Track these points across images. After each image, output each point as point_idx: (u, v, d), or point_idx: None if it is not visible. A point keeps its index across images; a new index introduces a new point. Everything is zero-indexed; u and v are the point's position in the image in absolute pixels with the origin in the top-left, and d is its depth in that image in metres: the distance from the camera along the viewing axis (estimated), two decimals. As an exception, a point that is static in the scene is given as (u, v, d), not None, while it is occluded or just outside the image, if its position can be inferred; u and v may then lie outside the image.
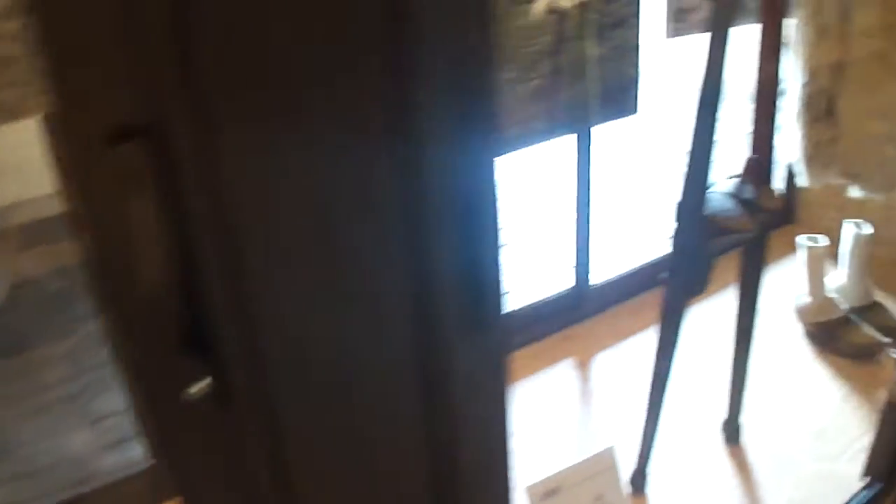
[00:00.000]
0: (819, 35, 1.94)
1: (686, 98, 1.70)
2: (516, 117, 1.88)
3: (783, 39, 1.70)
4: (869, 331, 2.32)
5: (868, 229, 2.36)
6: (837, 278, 2.45)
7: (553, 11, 1.84)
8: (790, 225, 2.81)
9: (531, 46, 1.85)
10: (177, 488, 0.80)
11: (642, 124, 2.75)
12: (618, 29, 1.96)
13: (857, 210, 2.45)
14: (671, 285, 1.63)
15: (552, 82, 1.90)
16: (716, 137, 1.50)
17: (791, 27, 1.98)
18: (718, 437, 2.00)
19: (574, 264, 2.34)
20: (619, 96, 2.07)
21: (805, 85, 1.99)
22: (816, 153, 2.04)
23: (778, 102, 1.67)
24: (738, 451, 1.97)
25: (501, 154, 1.93)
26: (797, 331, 2.37)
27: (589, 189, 2.26)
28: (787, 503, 1.83)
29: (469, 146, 0.66)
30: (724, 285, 2.01)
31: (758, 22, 1.68)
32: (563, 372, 2.24)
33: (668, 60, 3.05)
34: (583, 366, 2.26)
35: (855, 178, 2.07)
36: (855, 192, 2.11)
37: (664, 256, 1.82)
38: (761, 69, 1.63)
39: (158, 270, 0.57)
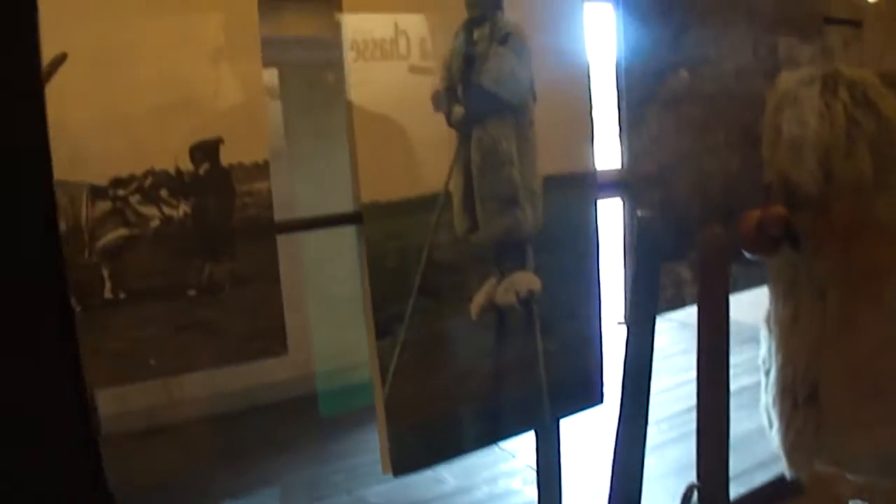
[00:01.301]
0: (793, 313, 1.78)
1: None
2: (453, 421, 1.69)
3: (728, 335, 1.54)
4: None
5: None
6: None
7: (491, 309, 1.69)
8: (796, 497, 2.49)
9: (468, 347, 1.69)
10: None
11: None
12: (570, 320, 1.80)
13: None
14: None
15: (496, 383, 1.72)
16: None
17: (762, 307, 1.83)
18: None
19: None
20: (579, 388, 1.87)
21: (781, 368, 1.80)
22: (799, 442, 1.81)
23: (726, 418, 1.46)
24: None
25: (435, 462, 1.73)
26: None
27: (560, 483, 2.02)
28: None
29: None
30: None
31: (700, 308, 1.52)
32: None
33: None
34: None
35: (845, 466, 1.84)
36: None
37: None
38: (703, 383, 1.45)
39: None
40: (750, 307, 1.94)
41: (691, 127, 1.89)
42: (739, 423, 1.85)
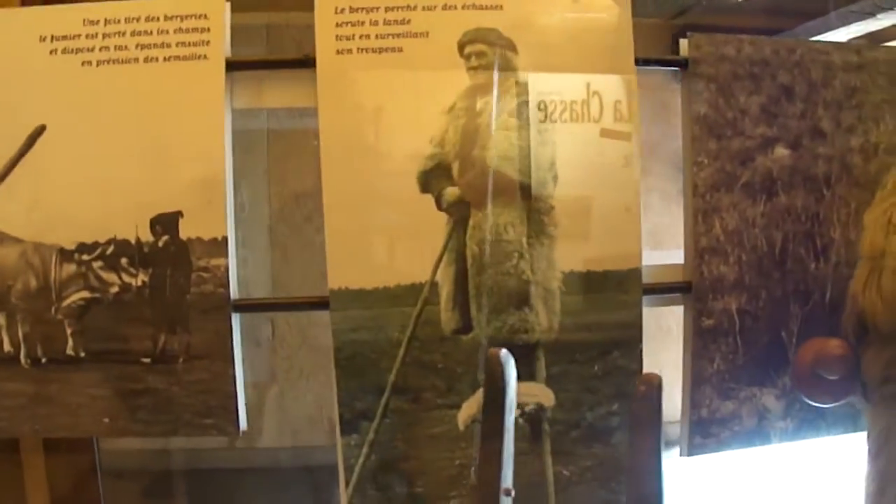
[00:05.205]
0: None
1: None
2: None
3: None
4: None
5: None
6: None
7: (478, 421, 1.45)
8: None
9: (452, 460, 1.46)
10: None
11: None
12: (595, 444, 1.49)
13: None
14: None
15: None
16: None
17: None
18: None
19: None
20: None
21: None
22: None
23: None
24: None
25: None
26: None
27: None
28: None
29: None
30: None
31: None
32: None
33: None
34: None
35: None
36: None
37: None
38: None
39: None
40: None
41: (789, 220, 1.46)
42: None
